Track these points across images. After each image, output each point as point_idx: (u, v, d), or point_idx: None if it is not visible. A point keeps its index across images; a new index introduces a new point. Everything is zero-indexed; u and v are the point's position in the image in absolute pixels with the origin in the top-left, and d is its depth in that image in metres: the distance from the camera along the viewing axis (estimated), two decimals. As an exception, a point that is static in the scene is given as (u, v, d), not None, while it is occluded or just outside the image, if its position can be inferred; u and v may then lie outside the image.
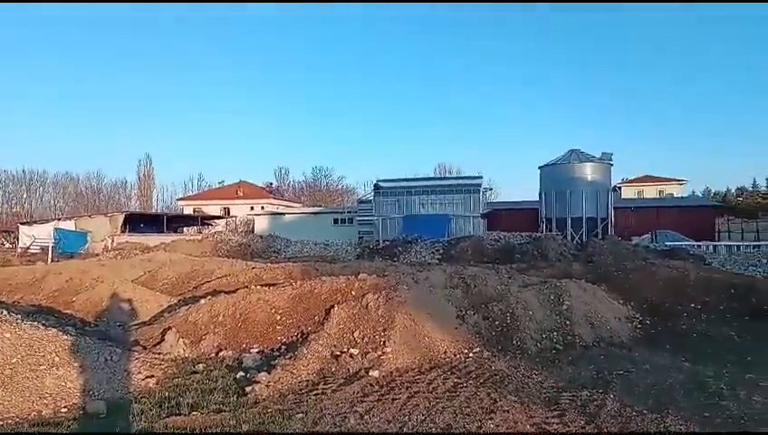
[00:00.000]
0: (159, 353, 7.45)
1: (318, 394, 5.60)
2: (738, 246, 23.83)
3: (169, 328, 8.11)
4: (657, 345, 8.61)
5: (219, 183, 69.56)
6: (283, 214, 47.80)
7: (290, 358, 6.73)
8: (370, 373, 6.26)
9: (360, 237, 37.27)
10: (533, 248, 22.27)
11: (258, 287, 9.58)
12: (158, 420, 4.95)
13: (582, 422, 4.77)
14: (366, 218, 39.68)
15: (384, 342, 7.10)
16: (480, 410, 5.04)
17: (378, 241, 31.22)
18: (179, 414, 5.11)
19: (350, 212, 43.70)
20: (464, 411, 5.01)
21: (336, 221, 43.73)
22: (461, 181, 41.35)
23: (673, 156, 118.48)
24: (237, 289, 9.82)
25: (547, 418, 4.89)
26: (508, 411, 5.01)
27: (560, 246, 22.54)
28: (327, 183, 77.35)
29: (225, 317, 8.42)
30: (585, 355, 7.77)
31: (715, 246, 23.66)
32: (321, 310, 8.31)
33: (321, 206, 59.55)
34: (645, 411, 5.01)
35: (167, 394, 5.78)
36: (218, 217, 52.52)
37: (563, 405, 5.27)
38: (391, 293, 8.32)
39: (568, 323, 8.84)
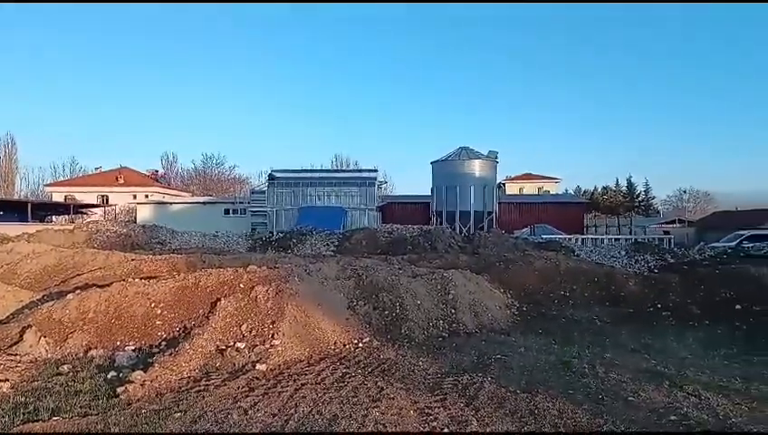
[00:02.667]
0: (16, 355, 6.68)
1: (200, 391, 5.33)
2: (602, 239, 26.51)
3: (29, 326, 7.28)
4: (532, 330, 9.32)
5: (96, 169, 63.61)
6: (170, 203, 45.03)
7: (170, 354, 6.34)
8: (257, 367, 6.09)
9: (252, 229, 36.17)
10: (424, 240, 23.05)
11: (137, 280, 8.90)
12: (11, 429, 4.42)
13: (462, 404, 5.01)
14: (259, 209, 38.61)
15: (273, 334, 6.94)
16: (367, 399, 5.10)
17: (271, 233, 30.49)
18: (37, 420, 4.60)
19: (242, 203, 42.23)
20: (351, 401, 5.04)
21: (227, 212, 42.05)
22: (357, 174, 41.72)
23: (550, 156, 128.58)
24: (113, 283, 9.05)
25: (430, 403, 5.07)
26: (394, 399, 5.12)
27: (449, 238, 23.55)
28: (219, 172, 74.01)
29: (96, 313, 7.72)
30: (468, 342, 8.20)
31: (583, 239, 26.11)
32: (206, 303, 7.92)
33: (211, 196, 56.88)
34: (518, 391, 5.37)
35: (23, 399, 5.18)
36: (95, 206, 48.06)
37: (446, 389, 5.50)
38: (282, 284, 8.15)
39: (453, 311, 9.26)
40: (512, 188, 65.48)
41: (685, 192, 69.92)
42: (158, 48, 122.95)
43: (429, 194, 40.66)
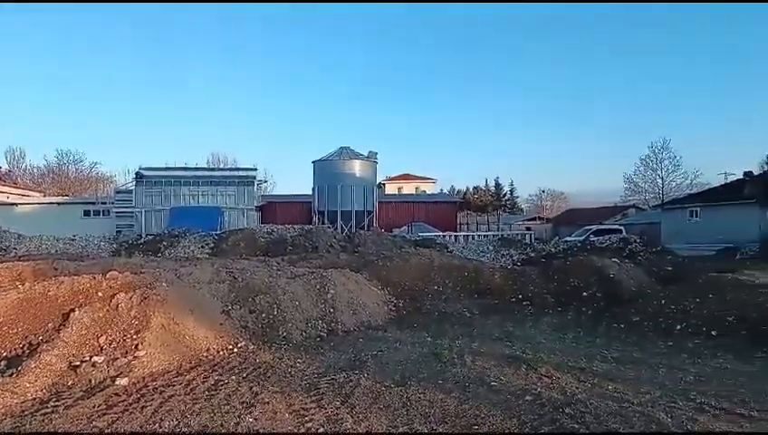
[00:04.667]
0: None
1: (47, 414, 4.76)
2: (473, 236, 28.36)
3: None
4: (408, 324, 9.68)
5: None
6: (16, 204, 39.77)
7: (11, 375, 5.60)
8: (118, 382, 5.60)
9: (118, 232, 33.29)
10: (305, 240, 22.87)
11: (-32, 294, 7.73)
12: None
13: (338, 403, 5.05)
14: (126, 210, 35.69)
15: (137, 345, 6.43)
16: (240, 406, 4.94)
17: (139, 235, 28.28)
18: None
19: (104, 203, 38.64)
20: (222, 409, 4.84)
21: (88, 213, 38.16)
22: (235, 173, 40.17)
23: (427, 157, 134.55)
24: (-64, 297, 7.76)
25: (306, 404, 5.05)
26: (268, 403, 5.02)
27: (330, 237, 23.62)
28: (76, 169, 66.70)
29: None
30: (346, 340, 8.29)
31: (456, 236, 27.72)
32: (57, 316, 7.10)
33: (68, 196, 51.23)
34: (392, 386, 5.55)
35: None
36: None
37: (322, 389, 5.51)
38: (147, 291, 7.59)
39: (332, 310, 9.29)
40: (391, 188, 67.47)
41: (543, 192, 77.23)
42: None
43: (311, 193, 40.45)
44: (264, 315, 8.49)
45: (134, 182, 36.79)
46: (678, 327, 8.67)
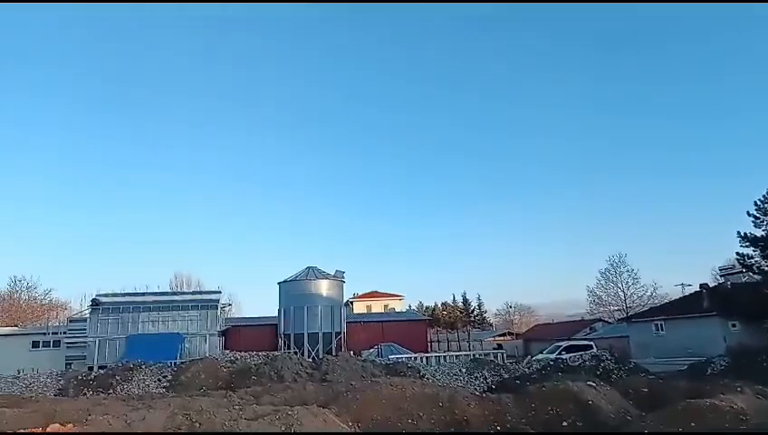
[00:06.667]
0: None
1: None
2: (444, 357, 27.59)
3: None
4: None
5: None
6: (-44, 336, 37.11)
7: None
8: None
9: (68, 364, 31.16)
10: (270, 369, 21.74)
11: None
12: None
13: None
14: (79, 340, 33.65)
15: None
16: None
17: (90, 368, 26.45)
18: None
19: (56, 333, 36.44)
20: None
21: (36, 345, 35.80)
22: (197, 296, 38.91)
23: (394, 274, 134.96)
24: None
25: None
26: None
27: (296, 365, 22.55)
28: (29, 297, 63.55)
29: None
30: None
31: (427, 358, 26.90)
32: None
33: (17, 326, 48.24)
34: None
35: None
36: None
37: None
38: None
39: (298, 455, 8.57)
40: (359, 307, 66.45)
41: (512, 307, 77.59)
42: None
43: (276, 315, 39.42)
44: (223, 467, 7.73)
45: (89, 310, 35.15)
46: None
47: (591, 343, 33.56)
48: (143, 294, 37.73)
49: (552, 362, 23.41)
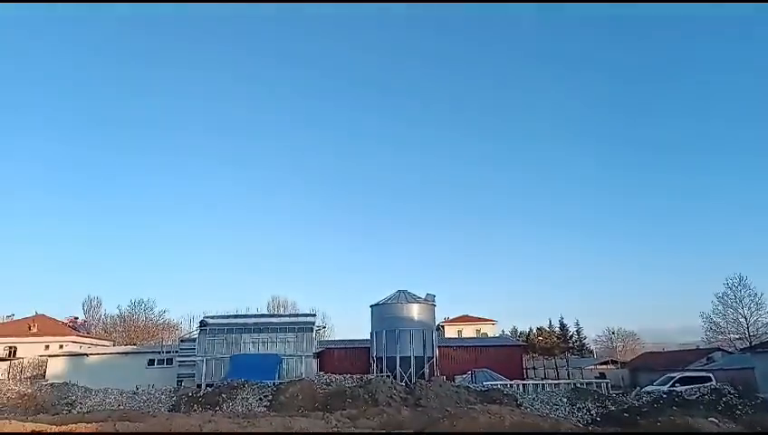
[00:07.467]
0: None
1: None
2: (543, 385, 26.26)
3: None
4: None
5: (8, 317, 58.33)
6: (86, 355, 41.11)
7: None
8: None
9: (179, 381, 33.40)
10: (364, 392, 21.96)
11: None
12: None
13: None
14: (188, 359, 36.04)
15: None
16: None
17: (199, 386, 28.19)
18: None
19: (169, 352, 39.30)
20: None
21: (152, 362, 38.80)
22: (294, 319, 40.38)
23: (485, 297, 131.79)
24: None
25: None
26: None
27: (389, 389, 22.57)
28: (146, 318, 69.44)
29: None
30: None
31: (524, 386, 25.77)
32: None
33: (135, 344, 52.77)
34: None
35: None
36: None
37: None
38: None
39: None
40: (450, 331, 65.45)
41: (613, 333, 72.54)
42: (73, 179, 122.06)
43: (369, 338, 39.77)
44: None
45: (198, 330, 37.61)
46: None
47: (710, 374, 30.40)
48: (245, 316, 39.84)
49: (664, 395, 21.47)
